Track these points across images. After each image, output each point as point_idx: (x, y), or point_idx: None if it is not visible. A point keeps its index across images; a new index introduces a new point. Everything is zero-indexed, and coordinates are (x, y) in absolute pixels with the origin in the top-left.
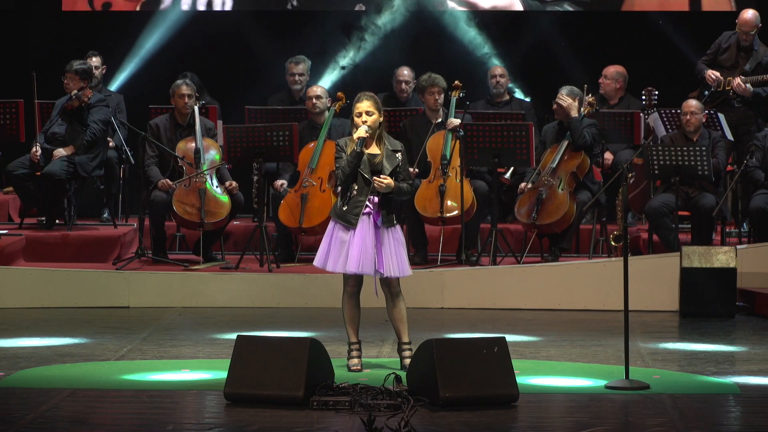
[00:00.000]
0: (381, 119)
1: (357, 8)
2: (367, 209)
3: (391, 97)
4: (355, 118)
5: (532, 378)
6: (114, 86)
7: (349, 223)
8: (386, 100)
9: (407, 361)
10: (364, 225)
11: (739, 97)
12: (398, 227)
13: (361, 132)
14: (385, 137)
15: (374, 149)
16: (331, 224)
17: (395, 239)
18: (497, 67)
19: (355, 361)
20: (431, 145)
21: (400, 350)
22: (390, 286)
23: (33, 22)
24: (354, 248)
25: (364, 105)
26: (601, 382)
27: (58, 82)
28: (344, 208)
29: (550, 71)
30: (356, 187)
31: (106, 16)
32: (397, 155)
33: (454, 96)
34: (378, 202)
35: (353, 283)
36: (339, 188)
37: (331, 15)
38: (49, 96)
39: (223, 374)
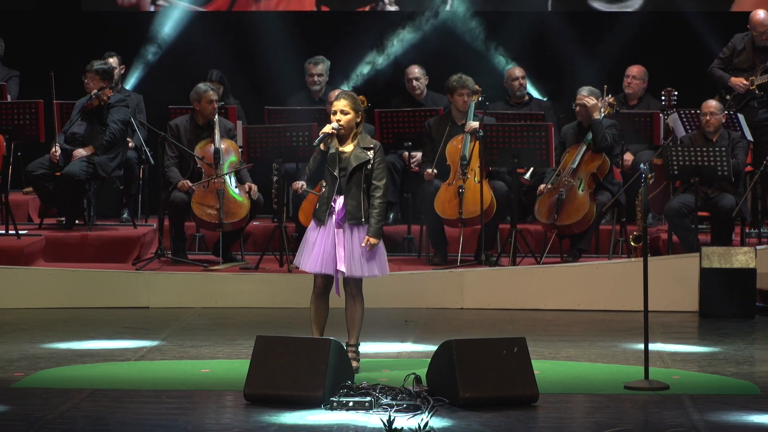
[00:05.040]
0: (358, 119)
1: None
2: (331, 207)
3: (408, 98)
4: (331, 116)
5: (551, 378)
6: (128, 85)
7: (320, 221)
8: (402, 101)
9: (353, 363)
10: (328, 223)
11: (765, 96)
12: (366, 228)
13: (327, 128)
14: (361, 136)
15: (347, 147)
16: (311, 222)
17: (360, 239)
18: (516, 68)
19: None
20: (450, 148)
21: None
22: (347, 287)
23: (52, 23)
24: (316, 247)
25: (340, 104)
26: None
27: (77, 83)
28: (316, 206)
29: (566, 72)
30: (325, 185)
31: (126, 15)
32: (368, 153)
33: (473, 100)
34: (342, 201)
35: (320, 283)
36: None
37: (353, 16)
38: (69, 96)
39: (242, 375)
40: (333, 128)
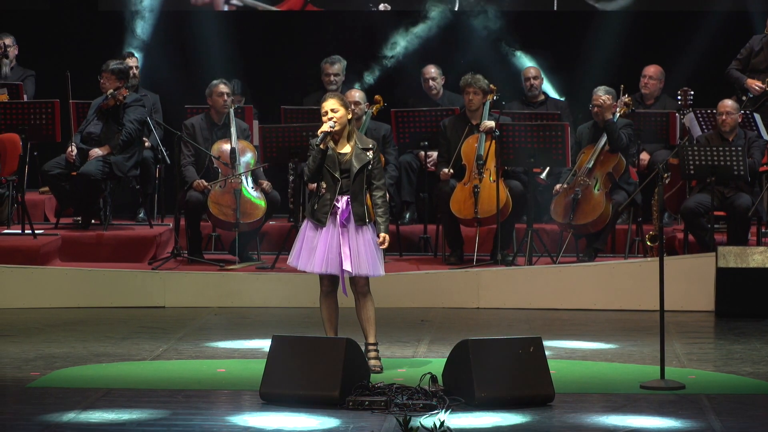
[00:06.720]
0: (349, 116)
1: (381, 7)
2: (334, 208)
3: (424, 97)
4: (322, 118)
5: (567, 378)
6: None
7: (319, 222)
8: (420, 101)
9: (374, 362)
10: (330, 224)
11: None
12: (369, 227)
13: (325, 126)
14: (357, 136)
15: (344, 148)
16: (304, 222)
17: (365, 238)
18: (531, 68)
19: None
20: (465, 148)
21: (366, 351)
22: (356, 285)
23: (68, 22)
24: (319, 247)
25: (329, 103)
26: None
27: (94, 82)
28: (314, 207)
29: (581, 71)
30: (324, 186)
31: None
32: (367, 153)
33: (488, 99)
34: (346, 201)
35: (327, 282)
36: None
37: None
38: (85, 96)
39: (258, 374)
40: (330, 126)
